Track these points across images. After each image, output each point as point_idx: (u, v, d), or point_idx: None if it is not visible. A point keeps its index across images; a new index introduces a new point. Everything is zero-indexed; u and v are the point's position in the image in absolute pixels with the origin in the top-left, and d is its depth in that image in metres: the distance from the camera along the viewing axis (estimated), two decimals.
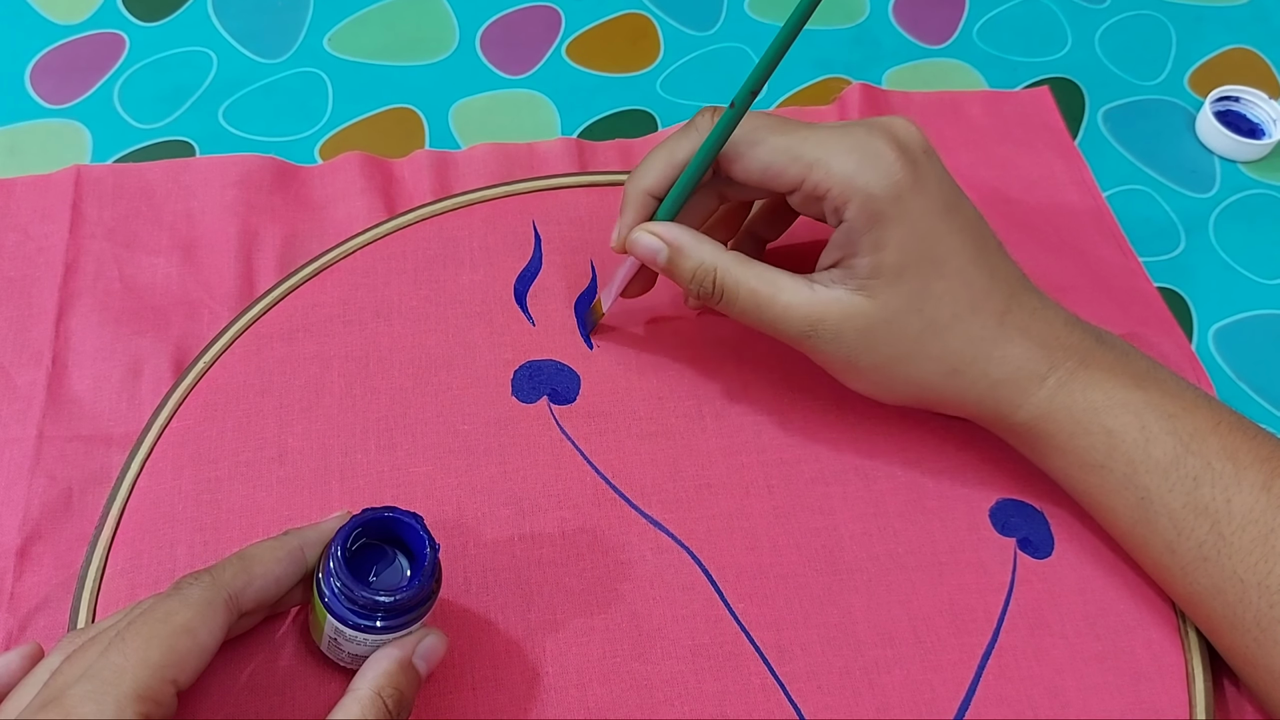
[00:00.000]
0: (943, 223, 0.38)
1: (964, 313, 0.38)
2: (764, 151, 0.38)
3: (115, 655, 0.30)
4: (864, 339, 0.39)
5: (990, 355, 0.39)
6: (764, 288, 0.39)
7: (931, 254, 0.38)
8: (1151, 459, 0.38)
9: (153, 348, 0.45)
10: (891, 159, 0.37)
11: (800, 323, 0.39)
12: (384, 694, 0.33)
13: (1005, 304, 0.39)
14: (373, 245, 0.49)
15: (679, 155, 0.40)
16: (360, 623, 0.34)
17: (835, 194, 0.37)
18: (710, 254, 0.40)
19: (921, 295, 0.38)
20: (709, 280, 0.40)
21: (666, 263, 0.40)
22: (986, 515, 0.43)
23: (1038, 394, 0.39)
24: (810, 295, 0.39)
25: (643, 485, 0.43)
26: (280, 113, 0.56)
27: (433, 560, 0.34)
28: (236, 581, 0.33)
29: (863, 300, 0.38)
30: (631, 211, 0.41)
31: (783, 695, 0.39)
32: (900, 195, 0.37)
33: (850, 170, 0.37)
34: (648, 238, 0.40)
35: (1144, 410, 0.38)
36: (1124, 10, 0.64)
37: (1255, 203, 0.55)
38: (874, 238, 0.37)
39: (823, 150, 0.38)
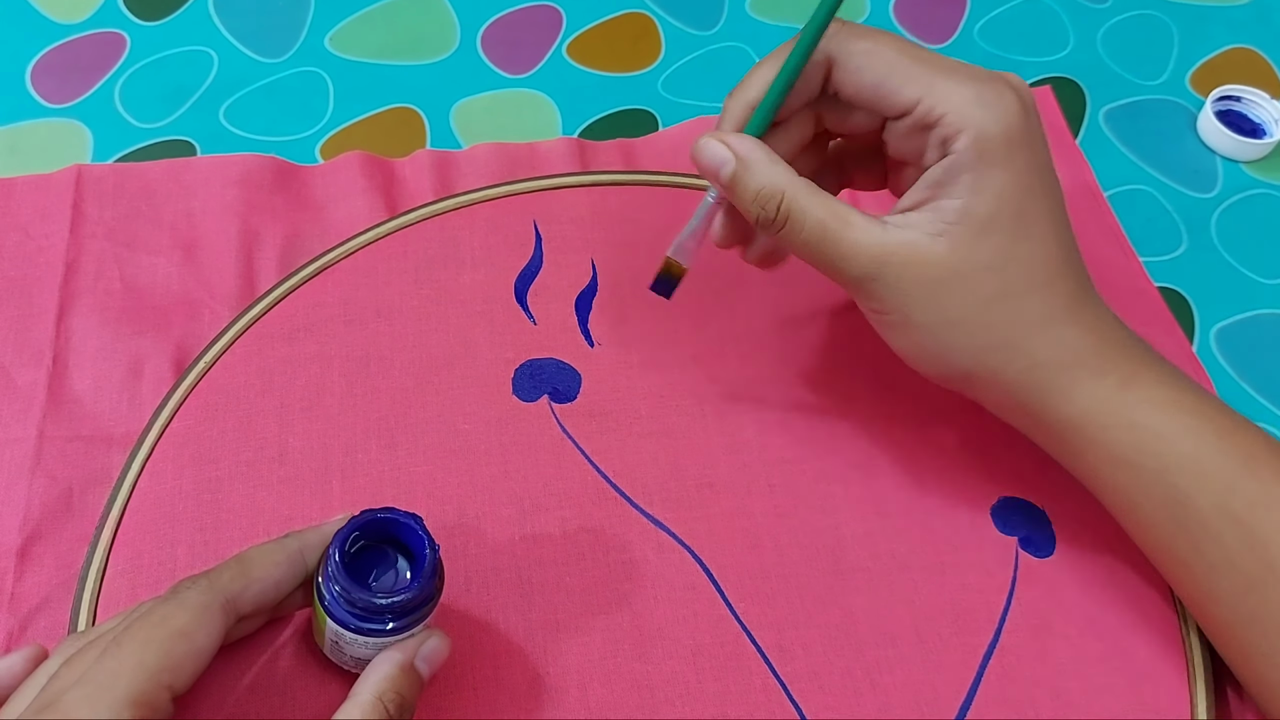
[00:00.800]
0: (1040, 182, 0.36)
1: (1040, 284, 0.36)
2: (881, 63, 0.36)
3: (111, 660, 0.30)
4: (930, 292, 0.36)
5: (1061, 337, 0.36)
6: (833, 220, 0.36)
7: (1024, 212, 0.35)
8: (1186, 459, 0.36)
9: (153, 347, 0.45)
10: (1013, 101, 0.35)
11: (866, 262, 0.36)
12: (385, 698, 0.33)
13: (1077, 287, 0.37)
14: (374, 245, 0.49)
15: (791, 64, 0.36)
16: (361, 626, 0.34)
17: (950, 120, 0.35)
18: (781, 175, 0.36)
19: (1004, 254, 0.35)
20: (774, 203, 0.36)
21: (730, 178, 0.36)
22: (988, 514, 0.43)
23: (1096, 391, 0.36)
24: (882, 234, 0.36)
25: (644, 484, 0.43)
26: (281, 112, 0.56)
27: (433, 561, 0.34)
28: (234, 585, 0.33)
29: (941, 247, 0.35)
30: (726, 124, 0.38)
31: (784, 695, 0.38)
32: (1013, 141, 0.35)
33: (970, 100, 0.34)
34: (715, 146, 0.37)
35: (1190, 421, 0.36)
36: (1126, 10, 0.64)
37: (1257, 202, 0.55)
38: (975, 179, 0.35)
39: (944, 75, 0.35)
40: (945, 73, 0.35)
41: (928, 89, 0.35)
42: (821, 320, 0.48)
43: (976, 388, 0.38)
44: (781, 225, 0.36)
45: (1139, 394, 0.36)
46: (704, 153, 0.37)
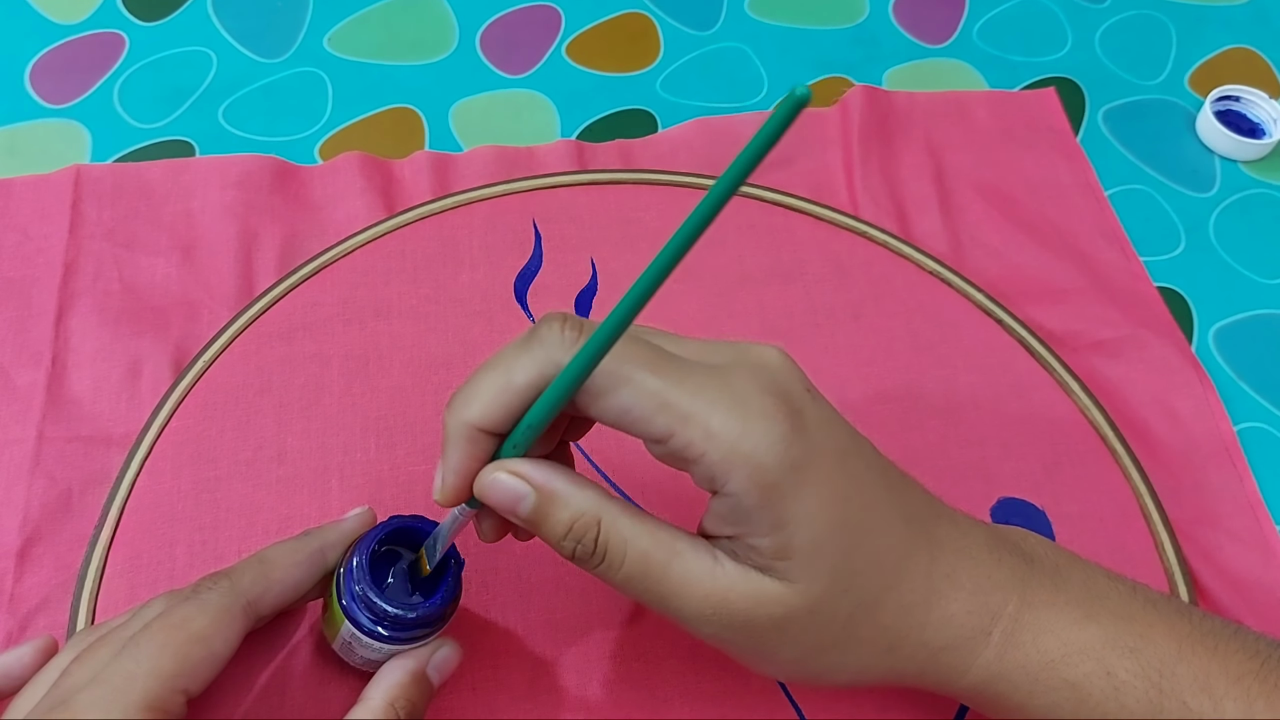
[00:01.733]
0: (845, 479, 0.31)
1: (892, 579, 0.31)
2: (628, 393, 0.29)
3: (127, 661, 0.30)
4: (781, 631, 0.31)
5: (926, 622, 0.32)
6: (657, 551, 0.31)
7: (845, 518, 0.30)
8: (1125, 710, 0.31)
9: (152, 348, 0.45)
10: (781, 419, 0.29)
11: (700, 604, 0.30)
12: (396, 705, 0.32)
13: (928, 553, 0.32)
14: (372, 244, 0.49)
15: (516, 381, 0.30)
16: (378, 632, 0.34)
17: (713, 461, 0.29)
18: (594, 502, 0.31)
19: (845, 571, 0.30)
20: (590, 535, 0.31)
21: (531, 512, 0.31)
22: (988, 514, 0.43)
23: (985, 654, 0.32)
24: (712, 570, 0.30)
25: (643, 485, 0.43)
26: (280, 113, 0.55)
27: (457, 575, 0.34)
28: (256, 587, 0.33)
29: (777, 586, 0.30)
30: (457, 450, 0.31)
31: (783, 695, 0.38)
32: (796, 462, 0.29)
33: (733, 435, 0.29)
34: (508, 479, 0.31)
35: (1105, 652, 0.32)
36: (1124, 10, 0.64)
37: (1256, 202, 0.55)
38: (773, 516, 0.29)
39: (697, 404, 0.29)
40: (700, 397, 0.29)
41: (681, 421, 0.29)
42: (820, 321, 0.48)
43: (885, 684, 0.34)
44: (599, 559, 0.31)
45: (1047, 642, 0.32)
46: (495, 489, 0.31)
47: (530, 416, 0.30)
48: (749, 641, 0.31)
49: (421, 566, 0.34)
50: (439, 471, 0.32)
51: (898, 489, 0.33)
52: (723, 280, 0.48)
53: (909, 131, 0.56)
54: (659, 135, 0.55)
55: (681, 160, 0.54)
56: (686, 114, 0.56)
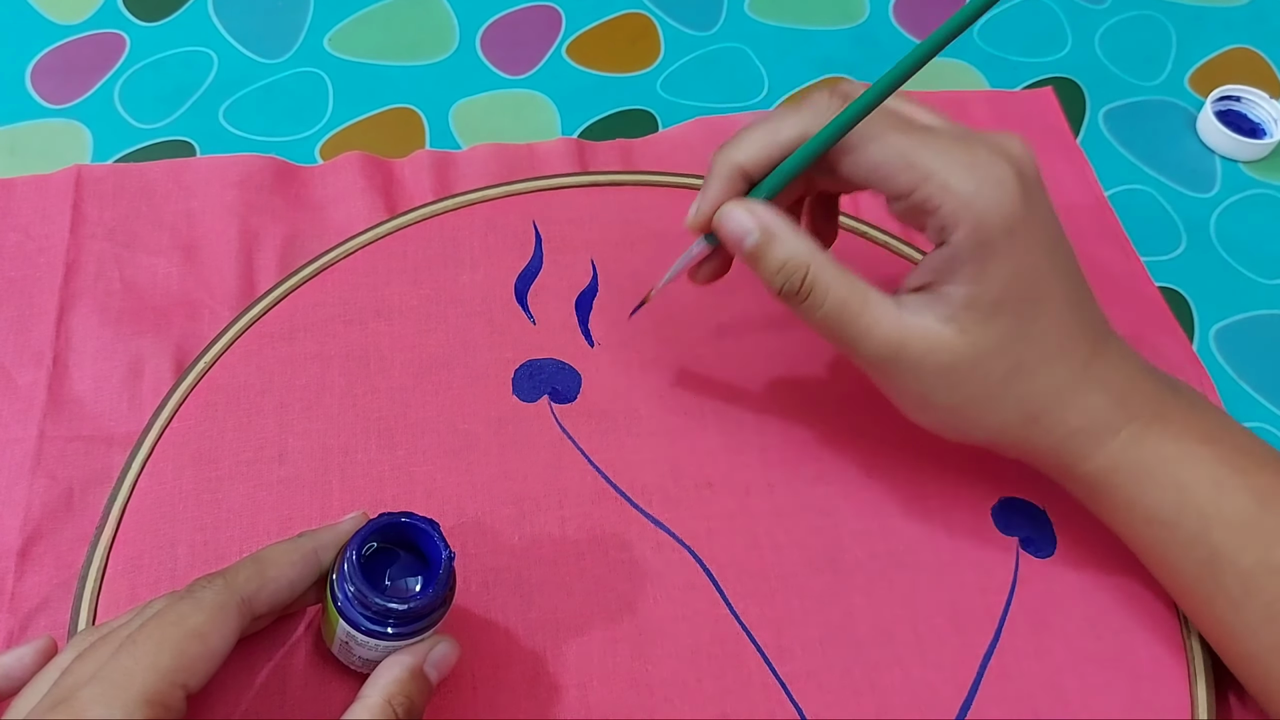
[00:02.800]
0: (1046, 261, 0.36)
1: (1051, 357, 0.36)
2: (878, 149, 0.35)
3: (126, 658, 0.30)
4: (945, 377, 0.36)
5: (1070, 403, 0.36)
6: (853, 298, 0.36)
7: (1031, 294, 0.35)
8: (1224, 515, 0.36)
9: (153, 348, 0.45)
10: (1013, 187, 0.34)
11: (881, 346, 0.36)
12: (394, 701, 0.32)
13: (1090, 350, 0.37)
14: (373, 245, 0.49)
15: (783, 134, 0.36)
16: (373, 629, 0.34)
17: (947, 212, 0.34)
18: (807, 248, 0.36)
19: (1013, 337, 0.35)
20: (799, 275, 0.36)
21: (753, 247, 0.36)
22: (989, 514, 0.43)
23: (1110, 445, 0.37)
24: (898, 318, 0.36)
25: (644, 484, 0.43)
26: (280, 113, 0.56)
27: (448, 568, 0.34)
28: (250, 585, 0.33)
29: (952, 334, 0.35)
30: (718, 184, 0.37)
31: (784, 695, 0.38)
32: (1013, 228, 0.34)
33: (969, 191, 0.34)
34: (742, 214, 0.36)
35: (1217, 465, 0.36)
36: (1124, 10, 0.64)
37: (1256, 202, 0.55)
38: (978, 269, 0.34)
39: (942, 161, 0.34)
40: (942, 158, 0.34)
41: (923, 178, 0.34)
42: None
43: (1017, 453, 0.39)
44: (805, 298, 0.36)
45: (1169, 448, 0.37)
46: (729, 221, 0.37)
47: (785, 165, 0.36)
48: (916, 385, 0.36)
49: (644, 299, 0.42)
50: (695, 202, 0.37)
51: (1083, 295, 0.37)
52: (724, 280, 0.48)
53: None
54: (659, 135, 0.55)
55: (682, 160, 0.54)
56: (687, 114, 0.56)
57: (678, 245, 0.40)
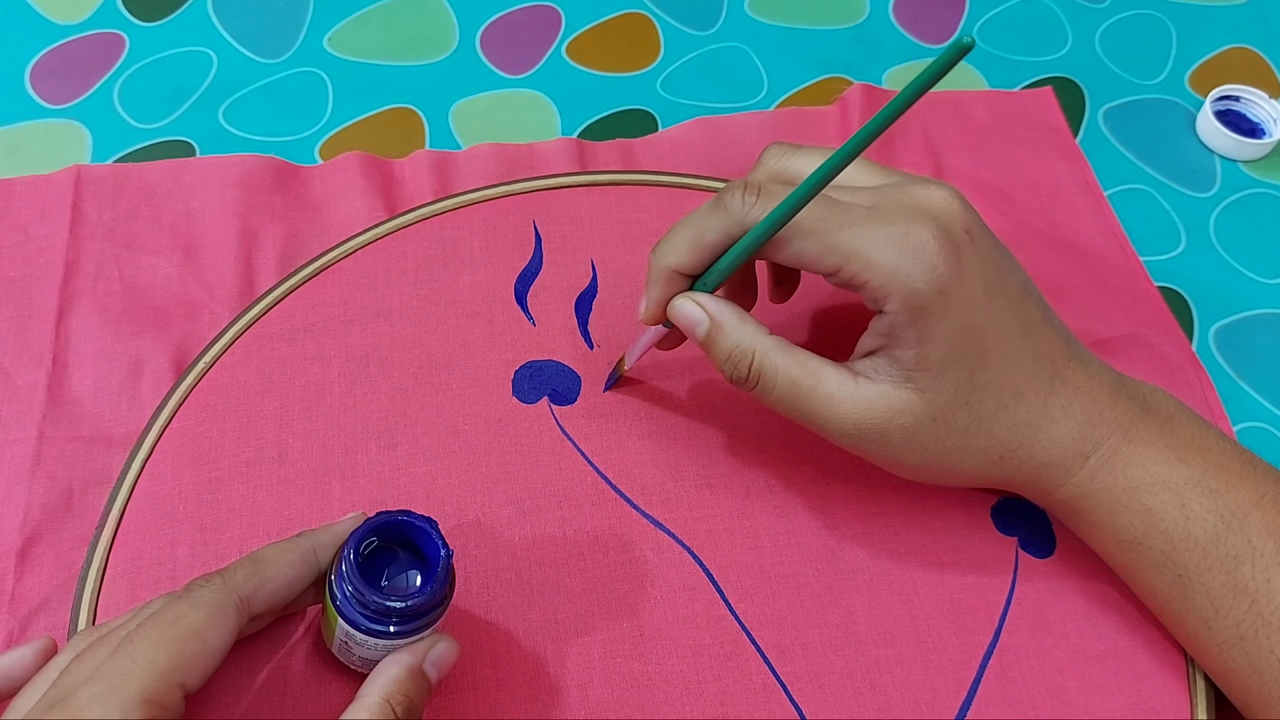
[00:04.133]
0: (985, 311, 0.37)
1: (1008, 401, 0.37)
2: (797, 241, 0.36)
3: (123, 658, 0.30)
4: (910, 438, 0.37)
5: (1035, 440, 0.38)
6: (805, 378, 0.37)
7: (977, 345, 0.36)
8: (1191, 537, 0.37)
9: (153, 348, 0.45)
10: (934, 251, 0.35)
11: (843, 420, 0.37)
12: (393, 701, 0.32)
13: (1049, 384, 0.38)
14: (373, 245, 0.49)
15: (707, 236, 0.38)
16: (372, 627, 0.34)
17: (875, 287, 0.36)
18: (750, 335, 0.38)
19: (967, 389, 0.37)
20: (745, 363, 0.38)
21: (705, 337, 0.38)
22: (988, 514, 0.43)
23: (1078, 474, 0.38)
24: (854, 390, 0.37)
25: (644, 485, 0.43)
26: (280, 113, 0.56)
27: (446, 566, 0.34)
28: (248, 584, 0.33)
29: (909, 396, 0.37)
30: (658, 287, 0.39)
31: (784, 695, 0.38)
32: (943, 289, 0.35)
33: (890, 264, 0.35)
34: (691, 306, 0.38)
35: (1185, 487, 0.37)
36: (1124, 9, 0.64)
37: (1256, 202, 0.55)
38: (918, 332, 0.36)
39: (860, 240, 0.36)
40: (860, 236, 0.36)
41: (845, 259, 0.36)
42: (822, 320, 0.48)
43: (994, 487, 0.40)
44: (754, 383, 0.38)
45: (1135, 473, 0.37)
46: (679, 312, 0.39)
47: (721, 263, 0.38)
48: (884, 449, 0.38)
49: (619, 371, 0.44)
50: (643, 300, 0.40)
51: (1036, 329, 0.38)
52: None
53: (907, 131, 0.56)
54: (659, 134, 0.55)
55: (682, 160, 0.54)
56: (687, 114, 0.56)
57: None
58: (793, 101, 0.58)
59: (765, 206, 0.36)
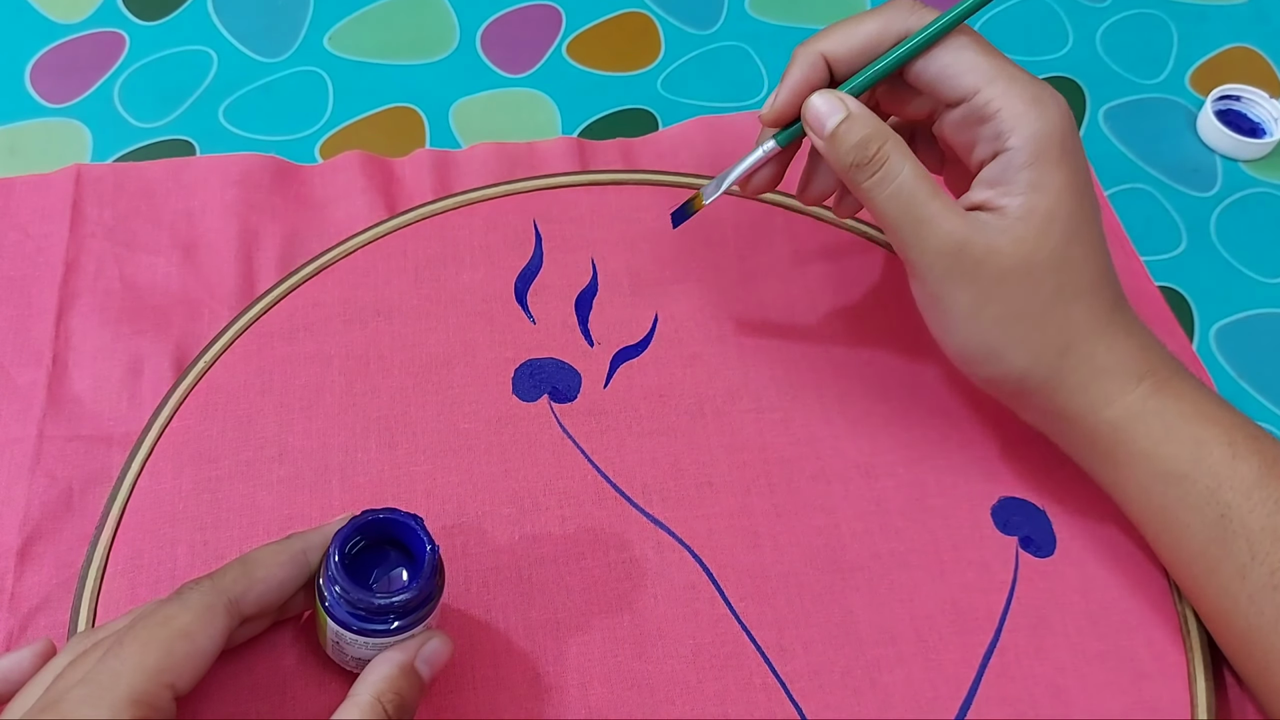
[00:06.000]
0: (1088, 188, 0.37)
1: (1089, 287, 0.38)
2: (949, 53, 0.37)
3: (113, 660, 0.30)
4: (1000, 284, 0.37)
5: (1101, 339, 0.38)
6: (924, 184, 0.37)
7: (1078, 213, 0.37)
8: (1238, 475, 0.36)
9: (153, 347, 0.45)
10: (1063, 109, 0.37)
11: (946, 239, 0.37)
12: (384, 699, 0.32)
13: (1116, 295, 0.39)
14: (373, 244, 0.49)
15: (864, 29, 0.38)
16: (361, 626, 0.34)
17: (1007, 116, 0.36)
18: (885, 128, 0.38)
19: (1063, 255, 0.37)
20: (876, 144, 0.37)
21: (834, 129, 0.38)
22: (988, 513, 0.43)
23: (1134, 391, 0.38)
24: (963, 216, 0.37)
25: (644, 484, 0.43)
26: (280, 112, 0.55)
27: (432, 561, 0.34)
28: (237, 586, 0.33)
29: (1009, 242, 0.36)
30: (801, 71, 0.39)
31: (784, 694, 0.38)
32: (1064, 143, 0.36)
33: (1026, 100, 0.36)
34: (830, 97, 0.38)
35: (1231, 426, 0.37)
36: (1125, 9, 0.64)
37: (1256, 201, 0.55)
38: (1034, 176, 0.36)
39: (1006, 73, 0.37)
40: (1004, 70, 0.37)
41: (987, 81, 0.36)
42: (821, 321, 0.48)
43: (1027, 391, 0.39)
44: (876, 170, 0.37)
45: (1186, 404, 0.38)
46: (816, 106, 0.38)
47: (877, 64, 0.38)
48: (968, 292, 0.37)
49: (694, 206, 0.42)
50: (774, 94, 0.39)
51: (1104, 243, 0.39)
52: (724, 279, 0.48)
53: None
54: (660, 133, 0.55)
55: (682, 159, 0.54)
56: (687, 113, 0.56)
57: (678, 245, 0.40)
58: None
59: (928, 15, 0.37)
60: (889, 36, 0.38)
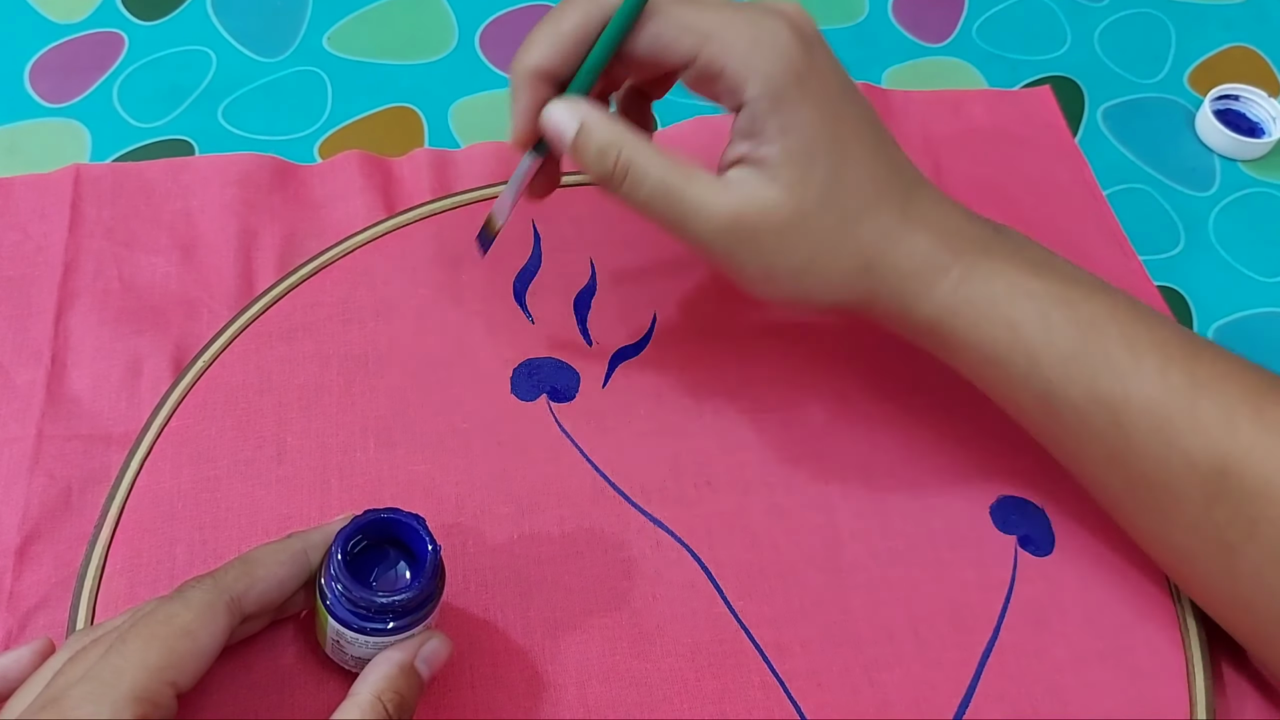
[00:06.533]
0: (843, 105, 0.37)
1: (871, 202, 0.37)
2: (657, 22, 0.36)
3: (115, 657, 0.30)
4: (781, 239, 0.36)
5: (898, 245, 0.37)
6: (675, 176, 0.36)
7: (837, 137, 0.36)
8: (1053, 349, 0.36)
9: (152, 347, 0.45)
10: (788, 39, 0.36)
11: (715, 219, 0.36)
12: (384, 698, 0.32)
13: (906, 193, 0.38)
14: (372, 244, 0.49)
15: (565, 27, 0.37)
16: (362, 625, 0.34)
17: (731, 71, 0.35)
18: (620, 132, 0.37)
19: (833, 184, 0.36)
20: (613, 156, 0.36)
21: (575, 140, 0.37)
22: (987, 512, 0.43)
23: (943, 285, 0.37)
24: (724, 188, 0.36)
25: (643, 483, 0.43)
26: (279, 112, 0.56)
27: (433, 561, 0.34)
28: (238, 585, 0.33)
29: (779, 193, 0.36)
30: (526, 95, 0.37)
31: (783, 693, 0.38)
32: (800, 74, 0.35)
33: (746, 46, 0.35)
34: (562, 110, 0.37)
35: (1044, 299, 0.37)
36: (1123, 8, 0.64)
37: (1255, 201, 0.55)
38: (780, 120, 0.35)
39: (718, 23, 0.36)
40: (718, 19, 0.36)
41: (704, 40, 0.36)
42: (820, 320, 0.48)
43: (852, 312, 0.39)
44: (622, 179, 0.37)
45: (997, 285, 0.37)
46: (550, 118, 0.37)
47: (590, 59, 0.37)
48: (756, 254, 0.37)
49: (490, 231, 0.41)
50: (512, 120, 0.38)
51: (885, 139, 0.38)
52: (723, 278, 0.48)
53: (906, 130, 0.56)
54: (658, 134, 0.55)
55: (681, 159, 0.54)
56: (686, 113, 0.56)
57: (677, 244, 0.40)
58: None
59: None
60: (593, 22, 0.37)
